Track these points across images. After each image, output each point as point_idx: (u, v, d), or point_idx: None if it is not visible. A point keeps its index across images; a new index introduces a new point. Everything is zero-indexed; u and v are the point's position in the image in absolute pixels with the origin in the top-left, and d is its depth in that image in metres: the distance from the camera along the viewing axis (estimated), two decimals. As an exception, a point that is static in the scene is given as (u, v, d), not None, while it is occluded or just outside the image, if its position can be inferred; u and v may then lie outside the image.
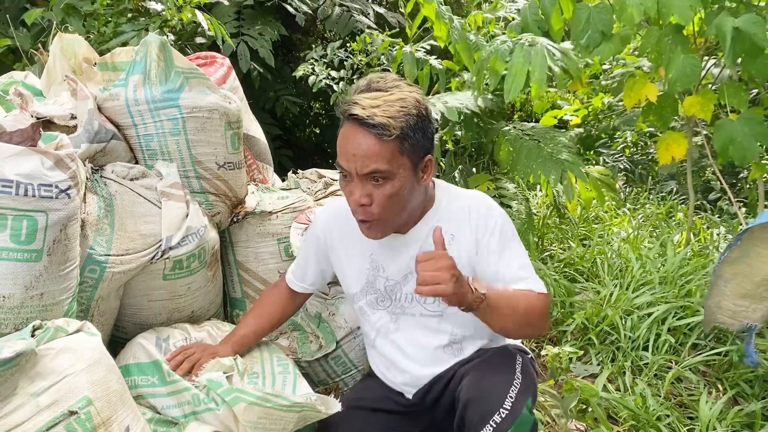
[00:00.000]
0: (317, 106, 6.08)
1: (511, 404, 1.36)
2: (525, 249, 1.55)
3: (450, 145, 3.43)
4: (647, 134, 5.32)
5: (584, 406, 2.09)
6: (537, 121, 4.56)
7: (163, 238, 1.71)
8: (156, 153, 1.85)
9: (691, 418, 2.12)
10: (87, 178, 1.65)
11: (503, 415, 1.34)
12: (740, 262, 1.99)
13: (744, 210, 4.09)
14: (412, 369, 1.62)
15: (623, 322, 2.54)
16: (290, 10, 4.17)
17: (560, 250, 3.48)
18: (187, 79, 1.83)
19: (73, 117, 1.78)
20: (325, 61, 3.71)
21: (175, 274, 1.77)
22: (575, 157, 2.84)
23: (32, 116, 1.70)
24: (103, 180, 1.73)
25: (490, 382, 1.43)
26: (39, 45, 2.78)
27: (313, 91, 3.59)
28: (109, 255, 1.61)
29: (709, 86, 2.98)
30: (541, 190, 4.79)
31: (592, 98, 4.92)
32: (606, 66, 4.40)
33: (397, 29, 4.73)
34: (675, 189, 5.19)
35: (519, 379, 1.42)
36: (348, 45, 3.77)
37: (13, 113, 1.76)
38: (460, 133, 3.37)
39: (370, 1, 5.00)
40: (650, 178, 5.36)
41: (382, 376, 1.72)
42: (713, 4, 2.64)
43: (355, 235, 1.62)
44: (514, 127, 3.09)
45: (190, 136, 1.84)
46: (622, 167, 5.25)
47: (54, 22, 2.89)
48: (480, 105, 2.92)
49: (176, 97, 1.80)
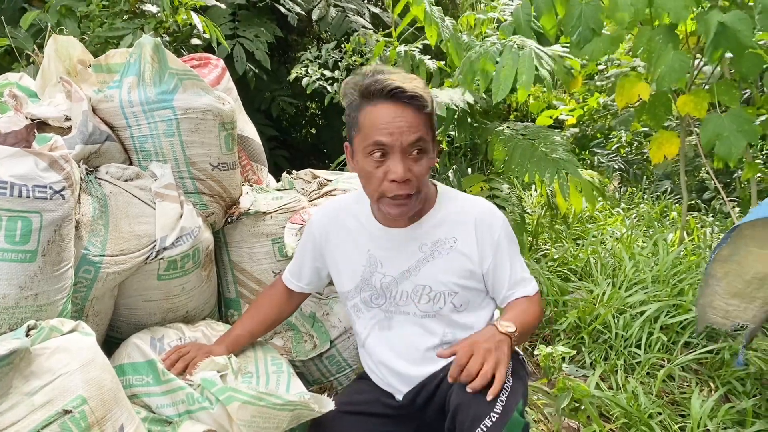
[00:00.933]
0: (313, 106, 6.09)
1: (501, 407, 1.36)
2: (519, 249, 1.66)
3: (444, 146, 3.45)
4: (642, 134, 5.34)
5: (577, 405, 2.10)
6: (533, 121, 4.58)
7: (157, 239, 1.72)
8: (150, 154, 1.86)
9: (683, 416, 2.14)
10: (81, 179, 1.66)
11: (494, 419, 1.35)
12: (731, 260, 2.00)
13: (737, 209, 4.11)
14: (403, 368, 1.63)
15: (616, 320, 2.56)
16: (283, 10, 4.18)
17: (554, 250, 3.50)
18: (181, 81, 1.84)
19: (68, 118, 1.79)
20: (320, 62, 3.72)
21: (170, 275, 1.78)
22: (570, 156, 2.85)
23: (27, 118, 1.71)
24: (98, 181, 1.74)
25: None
26: (35, 46, 2.78)
27: (307, 92, 3.60)
28: (104, 255, 1.62)
29: (703, 86, 3.00)
30: (536, 190, 4.81)
31: (587, 98, 4.95)
32: (601, 66, 4.43)
33: (393, 29, 4.74)
34: (669, 188, 5.21)
35: (509, 382, 1.43)
36: (342, 46, 3.78)
37: (8, 115, 1.77)
38: (453, 134, 3.38)
39: (365, 1, 5.01)
40: (645, 177, 5.38)
41: (372, 375, 1.73)
42: (705, 3, 2.67)
43: (351, 232, 1.64)
44: (508, 127, 3.10)
45: (184, 137, 1.85)
46: (617, 167, 5.26)
47: (49, 24, 2.90)
48: (468, 102, 2.92)
49: (170, 99, 1.81)
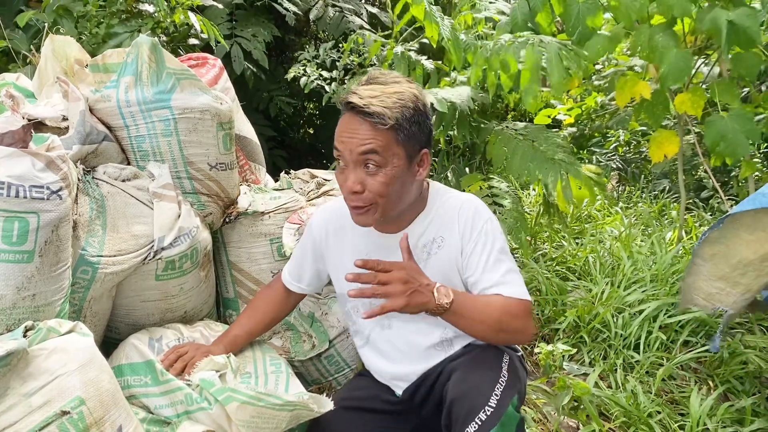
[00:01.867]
0: (311, 106, 6.08)
1: (496, 401, 1.37)
2: (511, 254, 1.58)
3: (442, 145, 3.44)
4: (639, 133, 5.34)
5: (576, 403, 2.10)
6: (531, 120, 4.57)
7: (155, 239, 1.71)
8: (148, 154, 1.85)
9: (682, 415, 2.13)
10: (79, 180, 1.66)
11: (488, 413, 1.36)
12: (719, 242, 2.02)
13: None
14: (404, 367, 1.64)
15: (615, 319, 2.56)
16: (280, 10, 4.17)
17: (553, 249, 3.50)
18: (179, 81, 1.84)
19: (65, 118, 1.78)
20: (317, 61, 3.71)
21: (168, 275, 1.78)
22: (571, 157, 2.85)
23: (24, 118, 1.70)
24: (95, 181, 1.73)
25: (476, 379, 1.45)
26: (32, 47, 2.78)
27: (305, 92, 3.60)
28: (101, 256, 1.62)
29: (701, 85, 3.00)
30: (534, 189, 4.81)
31: (585, 97, 4.95)
32: (598, 66, 4.42)
33: (391, 30, 4.74)
34: (668, 187, 5.22)
35: (505, 377, 1.44)
36: (340, 45, 3.78)
37: (5, 115, 1.77)
38: (452, 133, 3.38)
39: (363, 1, 5.00)
40: (643, 176, 5.38)
41: (373, 370, 1.74)
42: (705, 1, 2.67)
43: (349, 234, 1.64)
44: (507, 127, 3.10)
45: (181, 137, 1.85)
46: (615, 166, 5.27)
47: (46, 24, 2.89)
48: (474, 100, 2.92)
49: (168, 98, 1.81)
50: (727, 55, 2.55)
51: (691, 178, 5.18)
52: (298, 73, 3.56)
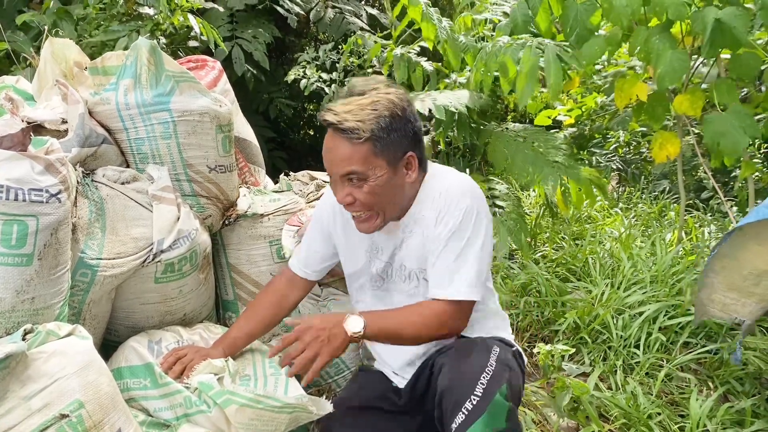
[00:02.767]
0: (311, 107, 6.09)
1: (482, 390, 1.37)
2: (481, 248, 1.51)
3: (442, 146, 3.44)
4: (639, 134, 5.34)
5: (576, 404, 2.10)
6: (531, 121, 4.57)
7: (154, 242, 1.71)
8: (147, 156, 1.85)
9: (682, 416, 2.13)
10: (78, 182, 1.66)
11: (474, 402, 1.36)
12: (729, 255, 2.01)
13: (735, 209, 4.11)
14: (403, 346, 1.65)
15: (615, 321, 2.56)
16: (282, 12, 4.18)
17: (553, 250, 3.50)
18: (178, 83, 1.84)
19: (64, 121, 1.78)
20: (317, 63, 3.72)
21: (167, 278, 1.78)
22: (570, 160, 2.85)
23: (23, 121, 1.70)
24: (94, 184, 1.73)
25: (462, 371, 1.45)
26: (32, 49, 2.78)
27: (305, 93, 3.60)
28: (101, 259, 1.62)
29: (700, 85, 3.00)
30: (534, 190, 4.81)
31: (585, 98, 4.95)
32: (599, 66, 4.42)
33: (390, 31, 4.74)
34: (668, 188, 5.22)
35: (492, 366, 1.43)
36: (340, 47, 3.78)
37: (4, 118, 1.77)
38: (452, 135, 3.38)
39: (362, 2, 5.01)
40: (643, 177, 5.38)
41: (378, 354, 1.77)
42: (700, 3, 2.66)
43: (342, 222, 1.69)
44: (507, 129, 3.10)
45: (181, 140, 1.85)
46: (615, 167, 5.27)
47: (46, 26, 2.90)
48: (473, 103, 2.92)
49: (167, 101, 1.81)
50: (710, 56, 2.54)
51: (691, 179, 5.18)
52: (298, 75, 3.56)
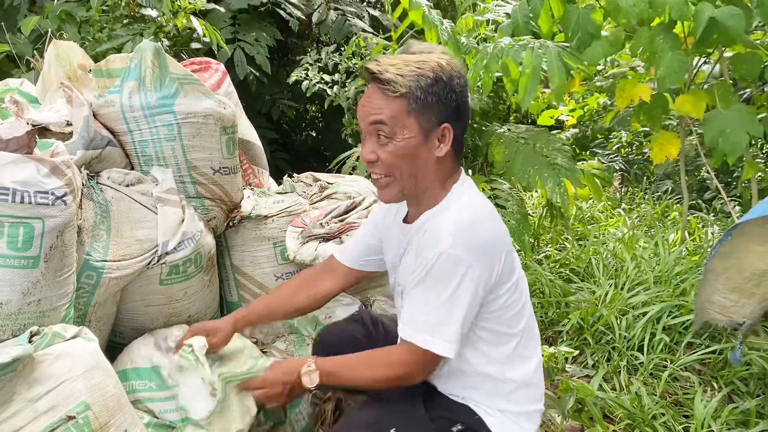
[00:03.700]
0: (313, 109, 6.09)
1: None
2: (453, 299, 1.36)
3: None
4: (642, 134, 5.34)
5: (580, 406, 2.10)
6: (533, 122, 4.57)
7: (159, 244, 1.72)
8: (152, 159, 1.86)
9: (686, 417, 2.13)
10: (83, 185, 1.66)
11: None
12: (731, 256, 2.00)
13: (738, 209, 4.11)
14: None
15: (618, 321, 2.55)
16: (283, 15, 4.18)
17: (556, 251, 3.50)
18: (182, 85, 1.84)
19: (69, 124, 1.79)
20: (320, 65, 3.72)
21: (172, 279, 1.78)
22: (571, 163, 2.84)
23: (28, 123, 1.71)
24: (99, 186, 1.74)
25: None
26: (35, 52, 2.79)
27: (307, 95, 3.60)
28: (106, 261, 1.62)
29: (702, 86, 3.00)
30: (537, 191, 4.80)
31: (587, 99, 4.95)
32: (600, 66, 4.42)
33: (392, 32, 4.75)
34: (670, 188, 5.21)
35: None
36: (342, 49, 3.79)
37: (9, 121, 1.77)
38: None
39: (364, 4, 5.01)
40: (645, 177, 5.38)
41: None
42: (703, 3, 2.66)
43: (392, 221, 1.62)
44: (509, 130, 3.10)
45: (185, 142, 1.85)
46: (618, 167, 5.26)
47: (49, 29, 2.91)
48: (476, 105, 2.93)
49: (171, 103, 1.82)
50: (699, 52, 2.54)
51: (693, 179, 5.18)
52: (300, 76, 3.56)
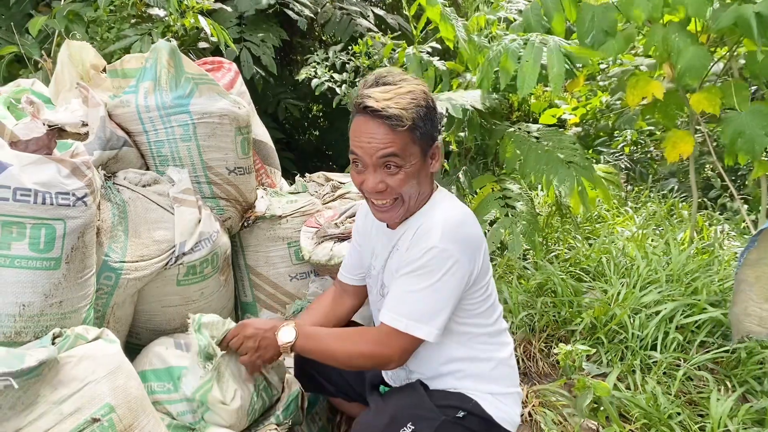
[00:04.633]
0: (315, 108, 6.08)
1: None
2: (440, 289, 1.45)
3: (453, 147, 3.44)
4: (647, 132, 5.34)
5: (596, 405, 2.09)
6: (535, 120, 4.56)
7: (176, 244, 1.71)
8: (167, 159, 1.85)
9: (701, 416, 2.12)
10: (101, 186, 1.65)
11: None
12: (761, 263, 1.97)
13: (746, 207, 4.10)
14: None
15: (631, 320, 2.55)
16: (292, 15, 4.17)
17: (565, 250, 3.49)
18: (197, 85, 1.84)
19: (84, 124, 1.78)
20: (327, 64, 3.71)
21: (189, 280, 1.77)
22: (584, 161, 2.84)
23: (44, 124, 1.70)
24: (116, 187, 1.73)
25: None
26: (43, 52, 2.78)
27: (316, 93, 3.60)
28: (124, 262, 1.61)
29: (715, 83, 2.99)
30: (542, 190, 4.79)
31: (589, 98, 4.94)
32: (603, 65, 4.41)
33: (399, 32, 4.74)
34: (676, 187, 5.20)
35: (413, 427, 1.47)
36: (350, 48, 3.78)
37: (23, 121, 1.76)
38: (463, 134, 3.37)
39: (368, 3, 5.00)
40: (650, 176, 5.37)
41: None
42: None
43: (371, 224, 1.69)
44: (519, 129, 3.09)
45: (200, 142, 1.85)
46: (623, 166, 5.25)
47: (57, 29, 2.90)
48: (486, 104, 2.92)
49: (186, 103, 1.81)
50: (763, 47, 2.51)
51: (698, 177, 5.17)
52: (310, 74, 3.56)
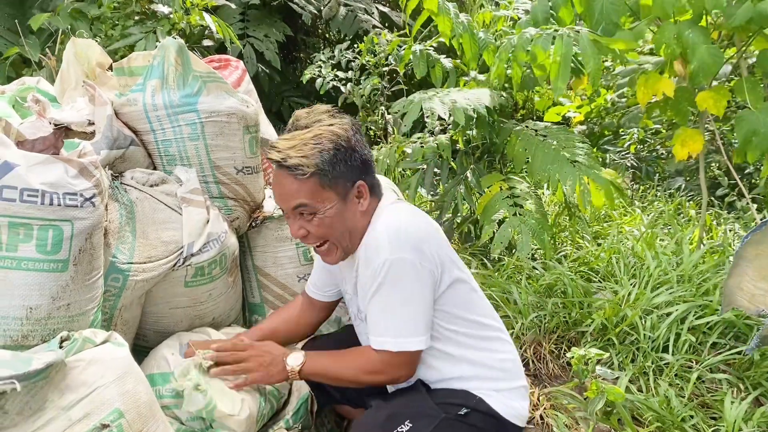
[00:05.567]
0: (320, 107, 6.05)
1: None
2: (407, 300, 1.46)
3: (461, 145, 3.40)
4: (653, 131, 5.30)
5: (608, 408, 2.06)
6: (539, 118, 4.52)
7: (184, 245, 1.68)
8: (175, 158, 1.82)
9: (714, 419, 2.10)
10: (108, 186, 1.62)
11: None
12: (763, 243, 1.97)
13: (754, 206, 4.06)
14: None
15: (642, 322, 2.51)
16: (296, 9, 4.14)
17: (574, 249, 3.46)
18: (205, 83, 1.81)
19: (91, 123, 1.75)
20: (332, 62, 3.68)
21: (197, 281, 1.75)
22: (591, 161, 2.80)
23: (50, 123, 1.67)
24: (123, 187, 1.70)
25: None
26: (47, 50, 2.75)
27: (320, 92, 3.57)
28: (132, 263, 1.58)
29: (724, 82, 2.96)
30: (548, 189, 4.76)
31: (594, 96, 4.90)
32: (608, 63, 4.38)
33: (404, 29, 4.71)
34: (683, 185, 5.17)
35: (411, 425, 1.45)
36: (355, 45, 3.75)
37: (29, 120, 1.74)
38: (470, 133, 3.34)
39: (373, 0, 4.97)
40: (657, 175, 5.34)
41: None
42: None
43: None
44: (527, 127, 3.06)
45: (208, 141, 1.82)
46: (629, 165, 5.22)
47: (60, 28, 2.87)
48: (493, 102, 2.88)
49: (194, 102, 1.78)
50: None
51: (705, 176, 5.13)
52: (314, 74, 3.52)
